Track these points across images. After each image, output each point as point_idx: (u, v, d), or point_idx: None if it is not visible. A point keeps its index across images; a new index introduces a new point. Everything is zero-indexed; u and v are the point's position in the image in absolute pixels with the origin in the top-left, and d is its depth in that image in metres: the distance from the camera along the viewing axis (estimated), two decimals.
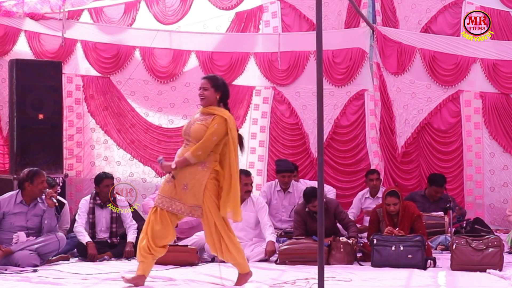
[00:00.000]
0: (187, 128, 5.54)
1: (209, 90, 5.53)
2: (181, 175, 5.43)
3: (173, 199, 5.45)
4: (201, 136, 5.41)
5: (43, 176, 6.83)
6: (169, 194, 5.47)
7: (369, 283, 5.86)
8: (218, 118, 5.45)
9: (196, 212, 5.42)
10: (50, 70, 8.85)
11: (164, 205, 5.47)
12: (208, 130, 5.40)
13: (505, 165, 9.25)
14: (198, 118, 5.55)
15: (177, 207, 5.45)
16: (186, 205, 5.42)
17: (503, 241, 6.72)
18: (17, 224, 6.74)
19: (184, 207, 5.43)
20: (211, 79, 5.60)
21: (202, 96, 5.55)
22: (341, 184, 9.39)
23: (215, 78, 5.67)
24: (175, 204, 5.45)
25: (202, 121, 5.48)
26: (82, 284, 5.77)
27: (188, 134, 5.51)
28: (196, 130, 5.45)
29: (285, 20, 9.89)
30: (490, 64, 9.23)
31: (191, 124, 5.52)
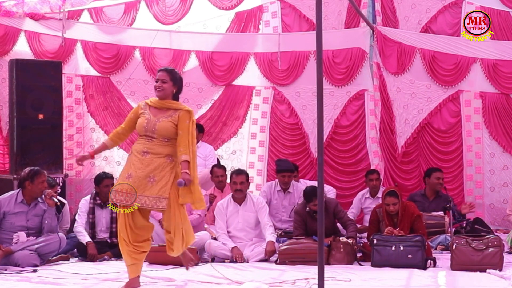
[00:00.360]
0: (149, 124, 5.43)
1: (168, 83, 5.52)
2: (148, 168, 5.37)
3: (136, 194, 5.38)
4: (170, 133, 5.40)
5: (43, 176, 6.83)
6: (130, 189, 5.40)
7: (369, 283, 5.86)
8: (185, 113, 5.45)
9: (161, 203, 5.36)
10: (50, 70, 8.85)
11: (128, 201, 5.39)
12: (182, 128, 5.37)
13: (505, 165, 9.25)
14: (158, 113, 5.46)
15: (141, 200, 5.38)
16: (150, 197, 5.36)
17: (503, 241, 6.72)
18: (17, 224, 6.74)
19: (149, 199, 5.37)
20: (170, 73, 5.58)
21: (160, 89, 5.51)
22: (341, 184, 9.39)
23: (174, 71, 5.66)
24: (139, 198, 5.38)
25: (168, 118, 5.44)
26: (82, 284, 5.77)
27: (152, 131, 5.42)
28: (164, 127, 5.41)
29: (285, 20, 9.89)
30: (490, 64, 9.22)
31: (155, 121, 5.43)
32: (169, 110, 5.48)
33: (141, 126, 5.48)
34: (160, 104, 5.51)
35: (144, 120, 5.47)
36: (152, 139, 5.44)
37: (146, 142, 5.45)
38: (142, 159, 5.40)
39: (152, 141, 5.44)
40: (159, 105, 5.51)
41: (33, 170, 6.85)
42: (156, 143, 5.43)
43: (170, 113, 5.46)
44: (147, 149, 5.41)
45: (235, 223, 7.19)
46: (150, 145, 5.43)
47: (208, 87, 9.82)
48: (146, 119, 5.47)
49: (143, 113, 5.52)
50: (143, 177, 5.36)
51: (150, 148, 5.41)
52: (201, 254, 7.01)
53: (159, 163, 5.38)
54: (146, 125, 5.45)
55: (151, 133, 5.44)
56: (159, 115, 5.47)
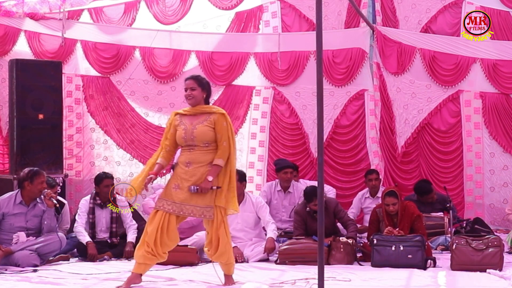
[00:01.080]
0: (187, 134, 5.53)
1: (196, 90, 5.63)
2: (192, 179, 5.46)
3: (183, 203, 5.49)
4: (208, 136, 5.50)
5: (43, 177, 6.83)
6: (178, 199, 5.49)
7: (369, 283, 5.86)
8: (220, 116, 5.55)
9: (208, 213, 5.47)
10: (50, 70, 8.85)
11: (175, 211, 5.49)
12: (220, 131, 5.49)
13: (505, 165, 9.25)
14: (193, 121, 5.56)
15: (188, 210, 5.48)
16: (197, 207, 5.47)
17: (503, 241, 6.72)
18: (16, 225, 6.73)
19: (196, 209, 5.47)
20: (197, 79, 5.70)
21: (190, 96, 5.63)
22: (341, 184, 9.39)
23: (200, 77, 5.78)
24: (185, 207, 5.49)
25: (204, 122, 5.53)
26: (82, 284, 5.77)
27: (191, 139, 5.52)
28: (202, 132, 5.51)
29: (285, 20, 9.89)
30: (490, 64, 9.23)
31: (192, 129, 5.52)
32: (203, 115, 5.58)
33: (180, 137, 5.58)
34: (194, 110, 5.63)
35: (181, 132, 5.57)
36: (193, 148, 5.53)
37: (188, 153, 5.55)
38: (186, 170, 5.50)
39: (193, 151, 5.53)
40: (193, 112, 5.62)
41: (32, 170, 6.85)
42: (197, 152, 5.52)
43: (205, 117, 5.57)
44: (190, 160, 5.51)
45: (234, 224, 7.18)
46: (192, 155, 5.52)
47: None
48: (183, 130, 5.57)
49: (179, 125, 5.62)
50: (188, 187, 5.46)
51: (192, 159, 5.51)
52: (201, 254, 6.99)
53: (202, 172, 5.48)
54: (184, 135, 5.54)
55: (191, 141, 5.53)
56: (194, 122, 5.57)
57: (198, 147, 5.51)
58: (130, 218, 7.38)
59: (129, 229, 7.28)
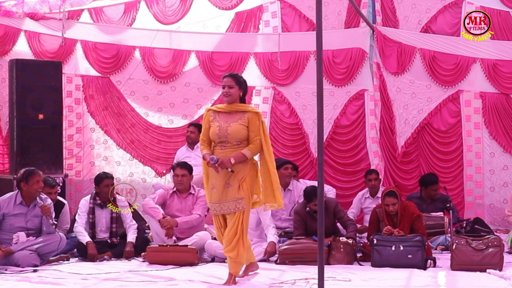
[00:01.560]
0: (221, 131, 5.60)
1: (234, 88, 5.69)
2: (226, 176, 5.58)
3: (220, 202, 5.63)
4: (242, 135, 5.60)
5: (38, 176, 6.80)
6: (216, 199, 5.64)
7: (369, 283, 5.86)
8: (253, 115, 5.63)
9: (239, 204, 5.58)
10: (50, 70, 8.86)
11: (217, 210, 5.67)
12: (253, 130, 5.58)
13: (505, 165, 9.25)
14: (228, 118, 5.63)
15: (225, 207, 5.62)
16: (230, 202, 5.58)
17: (503, 241, 6.72)
18: (17, 225, 6.73)
19: (230, 204, 5.59)
20: (235, 77, 5.75)
21: (228, 94, 5.68)
22: (341, 184, 9.39)
23: (238, 75, 5.84)
24: (223, 205, 5.63)
25: (238, 121, 5.61)
26: (82, 284, 5.77)
27: (225, 136, 5.60)
28: (236, 130, 5.59)
29: (285, 20, 9.88)
30: (490, 64, 9.22)
31: (226, 126, 5.60)
32: (237, 113, 5.65)
33: (214, 134, 5.65)
34: (229, 108, 5.68)
35: (216, 128, 5.64)
36: (225, 146, 5.61)
37: (220, 150, 5.63)
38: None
39: (225, 148, 5.62)
40: (228, 110, 5.68)
41: (28, 170, 6.84)
42: (229, 149, 5.60)
43: (239, 116, 5.64)
44: (222, 157, 5.57)
45: None
46: (224, 153, 5.60)
47: (208, 87, 9.81)
48: (217, 126, 5.64)
49: (213, 121, 5.69)
50: (222, 185, 5.60)
51: (224, 156, 5.58)
52: (201, 254, 7.00)
53: (234, 168, 5.56)
54: (218, 132, 5.62)
55: (224, 138, 5.61)
56: (229, 120, 5.64)
57: (230, 144, 5.60)
58: (130, 218, 7.37)
59: (129, 229, 7.28)
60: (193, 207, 7.37)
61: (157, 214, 7.16)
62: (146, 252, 6.85)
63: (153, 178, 9.72)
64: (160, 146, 9.76)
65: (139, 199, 8.59)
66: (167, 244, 6.89)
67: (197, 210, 7.31)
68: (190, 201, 7.40)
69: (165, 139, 9.76)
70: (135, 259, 6.99)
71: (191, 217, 7.25)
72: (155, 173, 9.72)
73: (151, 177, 9.74)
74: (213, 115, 5.72)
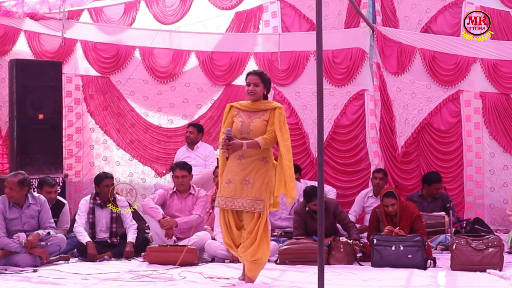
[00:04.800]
0: (243, 126, 5.58)
1: (260, 86, 5.67)
2: (245, 172, 5.54)
3: (234, 197, 5.57)
4: (264, 132, 5.57)
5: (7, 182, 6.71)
6: (229, 193, 5.58)
7: (369, 283, 5.87)
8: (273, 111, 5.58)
9: (258, 205, 5.54)
10: (50, 70, 8.86)
11: (227, 205, 5.60)
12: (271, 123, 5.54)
13: (505, 165, 9.25)
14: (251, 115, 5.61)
15: (238, 203, 5.56)
16: (247, 199, 5.54)
17: (503, 241, 6.72)
18: (14, 228, 6.70)
19: (246, 201, 5.55)
20: (261, 75, 5.72)
21: (253, 92, 5.66)
22: (341, 184, 9.39)
23: (264, 73, 5.79)
24: (237, 201, 5.56)
25: (261, 117, 5.60)
26: (82, 284, 5.77)
27: (247, 132, 5.58)
28: (258, 127, 5.57)
29: (285, 20, 9.88)
30: (490, 64, 9.22)
31: (249, 123, 5.58)
32: (260, 111, 5.63)
33: (236, 129, 5.62)
34: (253, 106, 5.66)
35: (238, 124, 5.63)
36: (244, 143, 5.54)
37: None
38: (238, 163, 5.57)
39: None
40: (252, 108, 5.66)
41: None
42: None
43: (262, 113, 5.62)
44: (242, 153, 5.56)
45: None
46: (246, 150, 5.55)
47: (208, 87, 9.82)
48: (240, 122, 5.63)
49: (236, 116, 5.69)
50: (240, 180, 5.55)
51: (245, 152, 5.55)
52: (201, 254, 7.00)
53: (253, 165, 5.56)
54: (241, 128, 5.60)
55: (246, 134, 5.58)
56: (252, 116, 5.63)
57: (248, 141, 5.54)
58: (130, 218, 7.37)
59: (129, 229, 7.27)
60: (193, 207, 7.37)
61: (156, 214, 7.16)
62: (146, 252, 6.85)
63: (153, 178, 9.72)
64: (160, 146, 9.76)
65: (139, 199, 8.60)
66: (167, 244, 6.89)
67: (197, 211, 7.31)
68: (190, 201, 7.40)
69: (165, 139, 9.76)
70: (135, 259, 6.99)
71: (191, 217, 7.25)
72: (155, 173, 9.72)
73: (151, 177, 9.74)
74: (237, 110, 5.71)
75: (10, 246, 6.55)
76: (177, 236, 7.18)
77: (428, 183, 8.30)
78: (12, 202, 6.71)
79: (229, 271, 6.19)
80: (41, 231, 6.71)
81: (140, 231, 7.53)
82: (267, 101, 5.72)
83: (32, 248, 6.55)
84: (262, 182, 5.54)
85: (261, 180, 5.54)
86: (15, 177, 6.70)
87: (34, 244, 6.56)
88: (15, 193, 6.67)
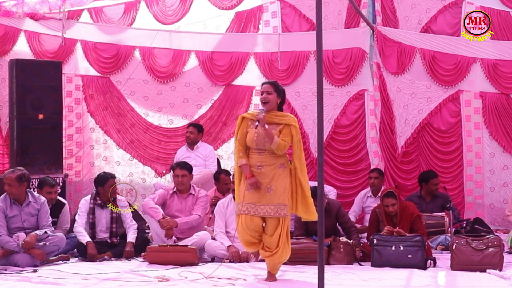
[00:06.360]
0: (259, 138, 5.65)
1: (272, 95, 5.75)
2: (265, 179, 5.64)
3: (256, 204, 5.65)
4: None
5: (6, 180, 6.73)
6: (252, 200, 5.66)
7: (369, 283, 5.86)
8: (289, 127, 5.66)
9: (282, 210, 5.65)
10: (50, 70, 8.86)
11: (250, 211, 5.67)
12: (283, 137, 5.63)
13: (505, 165, 9.25)
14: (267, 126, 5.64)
15: (263, 210, 5.66)
16: (271, 206, 5.63)
17: (503, 241, 6.71)
18: (14, 226, 6.70)
19: (270, 208, 5.64)
20: (274, 84, 5.82)
21: (266, 100, 5.72)
22: (341, 184, 9.39)
23: (277, 83, 5.88)
24: (260, 208, 5.66)
25: (275, 129, 5.66)
26: (82, 284, 5.77)
27: (263, 143, 5.65)
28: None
29: (285, 20, 9.88)
30: (490, 64, 9.23)
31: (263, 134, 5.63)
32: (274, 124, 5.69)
33: (251, 140, 5.70)
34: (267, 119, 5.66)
35: (253, 135, 5.69)
36: (263, 152, 5.68)
37: (259, 156, 5.71)
38: (258, 172, 5.68)
39: (264, 154, 5.70)
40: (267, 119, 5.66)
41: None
42: (267, 155, 5.69)
43: (276, 125, 5.69)
44: (261, 162, 5.68)
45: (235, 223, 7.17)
46: (262, 158, 5.68)
47: (208, 87, 9.82)
48: (255, 132, 5.67)
49: (250, 127, 5.74)
50: (262, 189, 5.64)
51: (263, 161, 5.67)
52: (201, 254, 7.00)
53: (274, 173, 5.67)
54: (256, 139, 5.68)
55: (262, 145, 5.66)
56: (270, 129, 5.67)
57: (268, 151, 5.66)
58: (130, 218, 7.37)
59: (129, 229, 7.27)
60: (193, 207, 7.37)
61: (156, 214, 7.16)
62: (146, 252, 6.85)
63: (153, 178, 9.72)
64: (160, 146, 9.76)
65: (139, 199, 8.60)
66: (167, 244, 6.89)
67: (197, 211, 7.32)
68: (190, 202, 7.40)
69: (165, 139, 9.76)
70: (135, 259, 6.99)
71: (191, 217, 7.25)
72: (155, 173, 9.72)
73: (151, 177, 9.74)
74: (250, 121, 5.76)
75: (9, 244, 6.55)
76: (177, 236, 7.18)
77: (425, 181, 8.30)
78: (12, 198, 6.72)
79: (229, 271, 6.18)
80: (39, 231, 6.71)
81: (140, 231, 7.53)
82: (281, 114, 5.78)
83: (30, 249, 6.55)
84: (284, 188, 5.65)
85: (282, 186, 5.66)
86: (13, 173, 6.72)
87: (32, 244, 6.55)
88: (14, 189, 6.68)
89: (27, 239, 6.55)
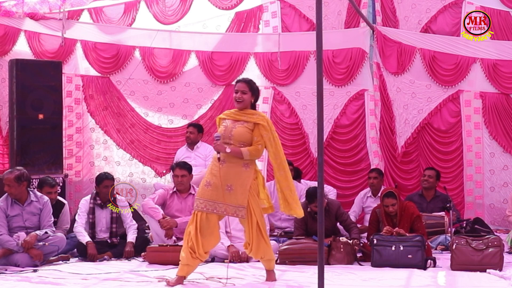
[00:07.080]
0: (226, 131, 5.62)
1: (247, 94, 5.71)
2: (225, 177, 5.55)
3: (216, 201, 5.58)
4: (245, 138, 5.59)
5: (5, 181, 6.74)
6: (211, 197, 5.58)
7: (369, 283, 5.86)
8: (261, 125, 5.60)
9: (240, 212, 5.58)
10: (50, 70, 8.86)
11: (208, 209, 5.59)
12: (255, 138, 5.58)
13: (505, 165, 9.25)
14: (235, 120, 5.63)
15: (221, 208, 5.58)
16: (230, 206, 5.56)
17: (503, 241, 6.72)
18: (15, 225, 6.71)
19: (228, 207, 5.57)
20: (249, 83, 5.76)
21: (240, 99, 5.69)
22: (341, 184, 9.40)
23: (252, 82, 5.83)
24: (219, 206, 5.58)
25: (244, 124, 5.62)
26: (82, 284, 5.77)
27: (229, 137, 5.60)
28: (240, 133, 5.60)
29: (285, 20, 9.88)
30: (490, 64, 9.23)
31: (231, 128, 5.61)
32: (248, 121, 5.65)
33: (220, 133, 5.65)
34: (237, 117, 5.67)
35: (222, 128, 5.67)
36: (230, 145, 5.58)
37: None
38: (219, 167, 5.57)
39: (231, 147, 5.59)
40: (237, 118, 5.67)
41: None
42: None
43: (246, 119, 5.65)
44: (224, 157, 5.57)
45: (235, 223, 7.15)
46: (227, 153, 5.57)
47: (208, 87, 9.82)
48: (224, 126, 5.67)
49: (222, 123, 5.74)
50: (220, 185, 5.54)
51: (226, 156, 5.57)
52: None
53: (235, 171, 5.58)
54: (224, 132, 5.63)
55: (228, 139, 5.60)
56: (235, 123, 5.65)
57: (233, 146, 5.57)
58: (130, 218, 7.37)
59: (129, 229, 7.27)
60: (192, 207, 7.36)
61: (156, 214, 7.16)
62: (146, 252, 6.85)
63: (153, 178, 9.73)
64: (160, 146, 9.76)
65: (139, 199, 8.60)
66: (167, 244, 6.89)
67: None
68: (190, 202, 7.39)
69: (165, 139, 9.76)
70: (135, 259, 6.99)
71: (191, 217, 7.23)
72: (155, 173, 9.72)
73: (151, 177, 9.75)
74: (223, 120, 5.75)
75: (9, 244, 6.56)
76: (177, 236, 7.18)
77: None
78: (13, 198, 6.72)
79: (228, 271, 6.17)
80: (39, 231, 6.71)
81: (140, 231, 7.53)
82: (251, 112, 5.72)
83: (29, 249, 6.54)
84: (244, 189, 5.55)
85: (243, 186, 5.55)
86: (12, 174, 6.73)
87: (32, 244, 6.55)
88: (13, 189, 6.69)
89: (27, 239, 6.55)
